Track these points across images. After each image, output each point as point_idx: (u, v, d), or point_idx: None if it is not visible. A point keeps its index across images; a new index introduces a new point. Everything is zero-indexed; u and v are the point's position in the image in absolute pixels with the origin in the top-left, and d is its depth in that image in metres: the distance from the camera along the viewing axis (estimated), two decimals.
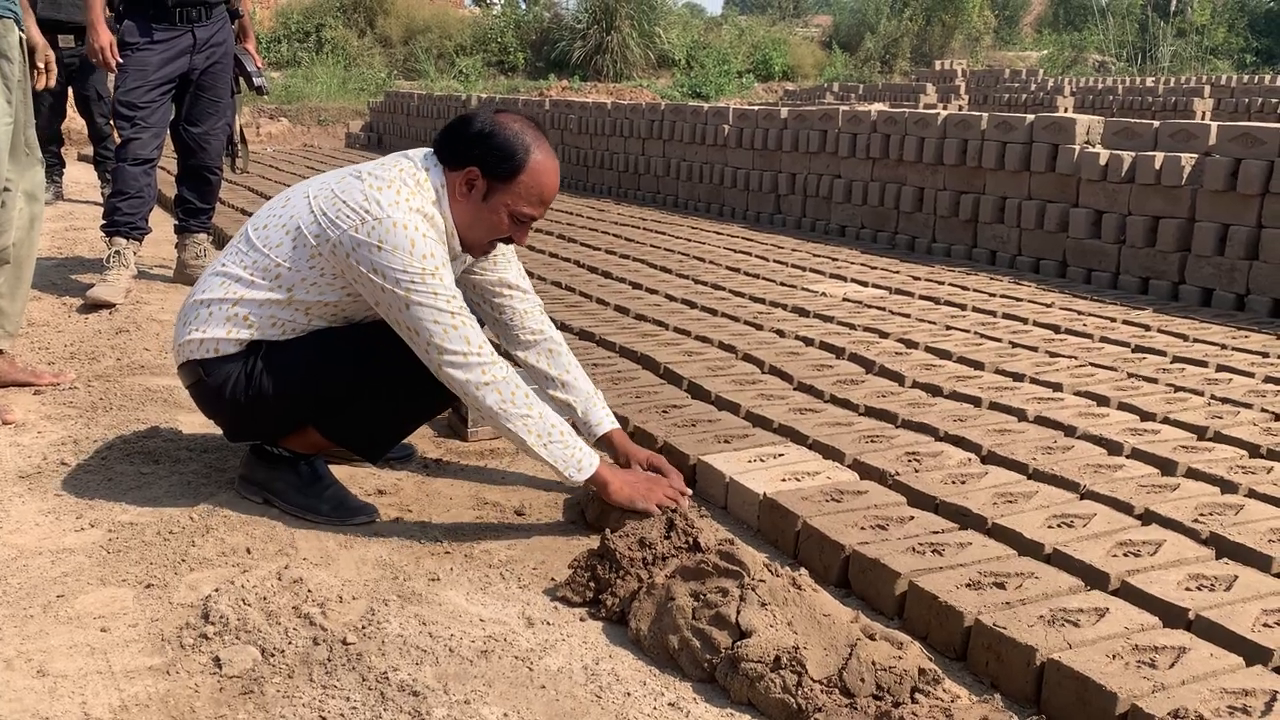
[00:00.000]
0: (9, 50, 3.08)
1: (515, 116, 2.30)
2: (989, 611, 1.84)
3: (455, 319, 2.16)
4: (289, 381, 2.27)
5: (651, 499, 2.24)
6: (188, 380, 2.38)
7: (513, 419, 2.18)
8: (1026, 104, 14.02)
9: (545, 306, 4.29)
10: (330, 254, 2.20)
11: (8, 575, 2.05)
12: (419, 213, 2.19)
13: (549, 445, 2.20)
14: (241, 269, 2.28)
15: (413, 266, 2.14)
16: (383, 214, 2.16)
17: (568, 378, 2.51)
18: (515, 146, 2.23)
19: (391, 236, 2.14)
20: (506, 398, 2.18)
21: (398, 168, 2.26)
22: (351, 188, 2.22)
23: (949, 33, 26.63)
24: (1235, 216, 4.70)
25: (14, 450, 2.73)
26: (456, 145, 2.26)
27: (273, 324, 2.28)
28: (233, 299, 2.27)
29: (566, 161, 9.83)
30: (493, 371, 2.17)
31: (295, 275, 2.24)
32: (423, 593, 2.01)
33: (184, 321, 2.34)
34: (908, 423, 2.93)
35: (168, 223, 5.51)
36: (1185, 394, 3.25)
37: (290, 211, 2.28)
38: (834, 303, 4.59)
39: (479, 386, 2.16)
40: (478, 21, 23.18)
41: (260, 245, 2.28)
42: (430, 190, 2.25)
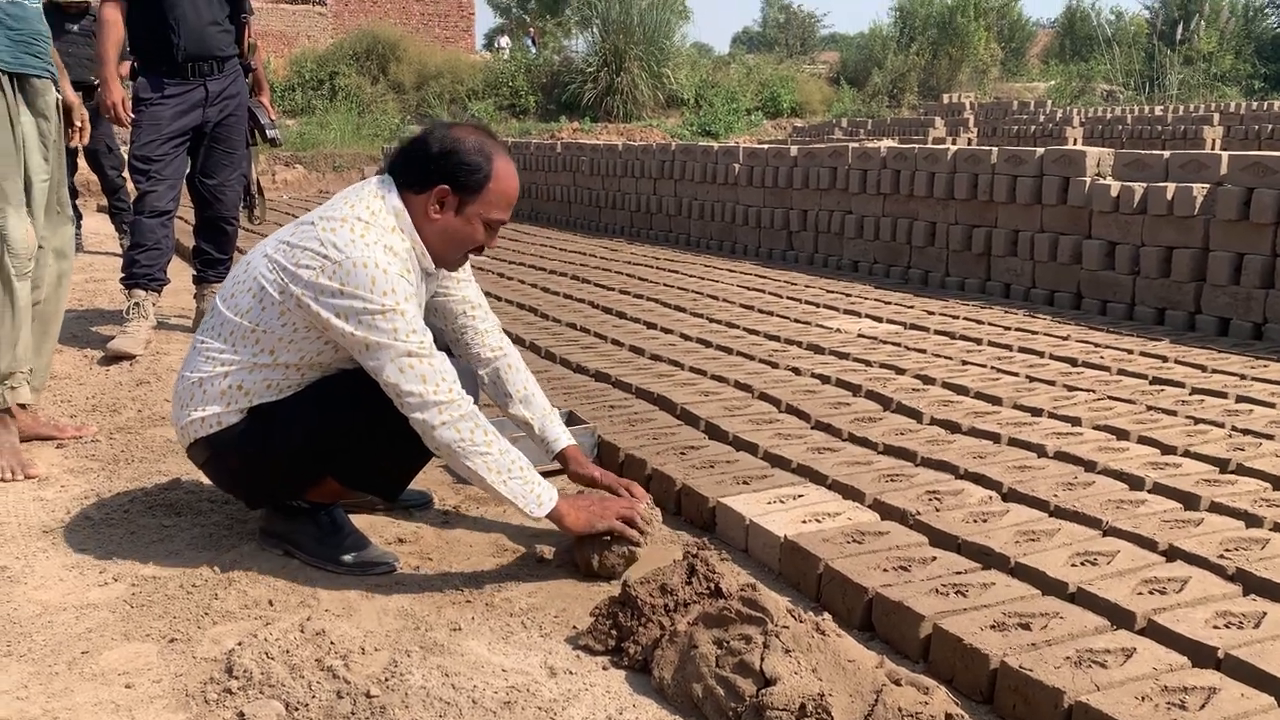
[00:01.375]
0: (47, 109, 3.17)
1: (468, 128, 2.33)
2: (1015, 653, 1.83)
3: (412, 359, 2.16)
4: (295, 438, 2.27)
5: (608, 517, 2.28)
6: (199, 459, 2.39)
7: (470, 456, 2.18)
8: (1035, 135, 14.08)
9: (561, 349, 4.34)
10: (296, 306, 2.21)
11: (33, 632, 2.06)
12: (378, 246, 2.19)
13: (508, 481, 2.20)
14: (221, 341, 2.29)
15: (373, 305, 2.14)
16: (341, 255, 2.16)
17: (525, 393, 2.58)
18: (479, 158, 2.27)
19: (352, 277, 2.15)
20: (465, 435, 2.18)
21: (348, 204, 2.27)
22: (306, 235, 2.23)
23: (956, 66, 26.80)
24: (1250, 245, 4.69)
25: (38, 505, 2.75)
26: (420, 167, 2.28)
27: (267, 386, 2.29)
28: (222, 372, 2.27)
29: (579, 203, 9.91)
30: (450, 411, 2.17)
31: (271, 337, 2.25)
32: (445, 643, 2.01)
33: (181, 403, 2.34)
34: (927, 460, 2.93)
35: (186, 272, 5.56)
36: (1206, 426, 3.23)
37: (252, 274, 2.29)
38: (849, 339, 4.60)
39: (436, 427, 2.17)
40: (489, 66, 23.49)
41: (231, 314, 2.29)
42: (388, 217, 2.25)
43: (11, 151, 3.02)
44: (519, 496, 2.21)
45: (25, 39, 3.06)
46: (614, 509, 2.30)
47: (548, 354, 4.35)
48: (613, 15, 20.65)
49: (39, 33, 3.11)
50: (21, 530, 2.57)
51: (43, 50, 3.14)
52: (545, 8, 29.51)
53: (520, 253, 7.79)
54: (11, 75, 3.03)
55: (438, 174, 2.26)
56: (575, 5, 23.22)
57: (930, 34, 27.43)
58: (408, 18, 29.97)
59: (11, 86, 3.03)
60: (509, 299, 5.70)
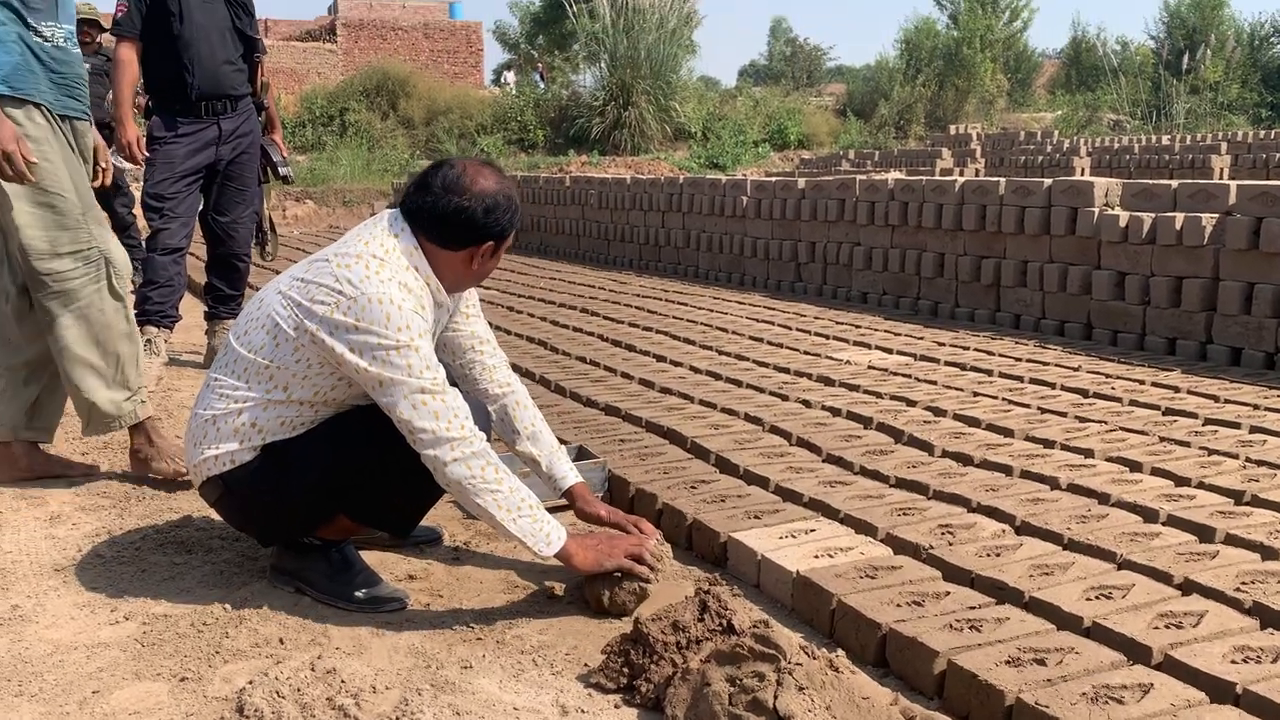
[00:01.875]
0: (85, 151, 3.26)
1: (485, 171, 2.34)
2: (1030, 689, 1.81)
3: (426, 395, 2.17)
4: (307, 476, 2.28)
5: (616, 555, 2.28)
6: (211, 497, 2.39)
7: (481, 493, 2.18)
8: (1043, 165, 14.12)
9: (571, 382, 4.34)
10: (310, 342, 2.22)
11: (44, 672, 2.06)
12: (392, 282, 2.20)
13: (518, 520, 2.20)
14: (235, 378, 2.30)
15: (388, 341, 2.15)
16: (356, 292, 2.18)
17: (533, 430, 2.58)
18: (510, 208, 2.34)
19: (367, 313, 2.16)
20: (476, 472, 2.18)
21: (362, 241, 2.29)
22: (321, 272, 2.25)
23: (962, 97, 26.94)
24: (1260, 275, 4.69)
25: (49, 543, 2.75)
26: (465, 230, 2.29)
27: (281, 423, 2.29)
28: (235, 409, 2.28)
29: (588, 236, 9.96)
30: (461, 448, 2.17)
31: (285, 373, 2.26)
32: (456, 681, 2.00)
33: (194, 441, 2.35)
34: (939, 494, 2.92)
35: (198, 308, 5.60)
36: (1219, 457, 3.21)
37: (266, 310, 2.31)
38: (859, 371, 4.59)
39: (448, 463, 2.17)
40: (497, 101, 23.68)
41: (245, 351, 2.30)
42: (401, 256, 2.27)
43: (88, 182, 3.15)
44: (528, 535, 2.21)
45: (69, 82, 3.16)
46: (622, 547, 2.30)
47: (558, 388, 4.35)
48: (620, 50, 20.83)
49: (80, 76, 3.22)
50: (33, 568, 2.58)
51: (83, 94, 3.23)
52: (553, 43, 29.79)
53: (530, 286, 7.82)
54: (61, 117, 3.13)
55: (484, 235, 2.31)
56: (583, 40, 23.43)
57: (936, 65, 27.60)
58: (417, 54, 30.29)
59: (68, 127, 3.15)
60: (519, 332, 5.71)
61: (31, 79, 3.02)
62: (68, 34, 3.15)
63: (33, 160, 2.93)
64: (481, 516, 2.24)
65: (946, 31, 29.36)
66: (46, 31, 3.05)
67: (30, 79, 3.01)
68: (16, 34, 2.97)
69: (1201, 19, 29.21)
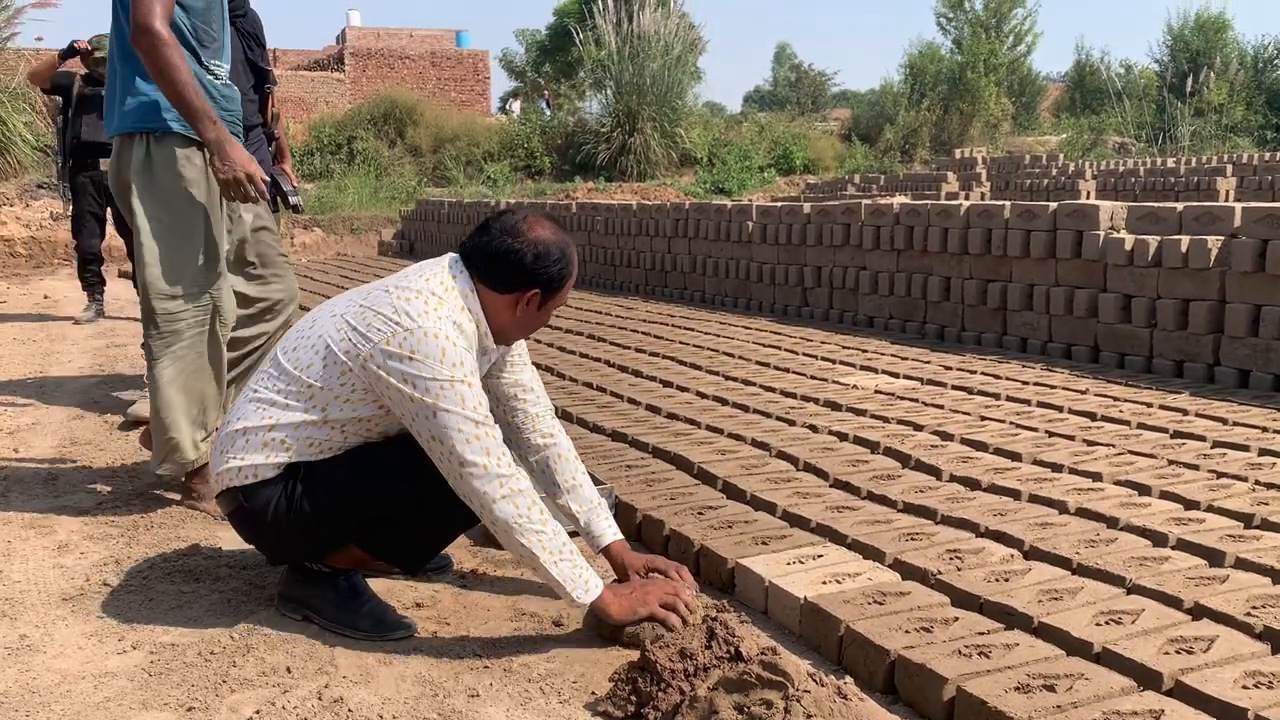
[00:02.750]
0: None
1: (544, 222, 2.37)
2: (1040, 716, 1.80)
3: (479, 429, 2.18)
4: (328, 501, 2.29)
5: (650, 603, 2.25)
6: (227, 508, 2.40)
7: (527, 533, 2.18)
8: (1048, 188, 14.13)
9: (577, 408, 4.34)
10: (361, 369, 2.24)
11: (51, 701, 2.05)
12: (448, 320, 2.23)
13: (559, 563, 2.19)
14: (274, 393, 2.32)
15: (442, 374, 2.17)
16: (413, 324, 2.20)
17: (574, 484, 2.52)
18: (563, 260, 2.34)
19: (423, 345, 2.18)
20: (523, 511, 2.18)
21: (423, 277, 2.31)
22: (380, 301, 2.27)
23: (967, 121, 27.02)
24: (1267, 297, 4.68)
25: (57, 572, 2.76)
26: (511, 273, 2.30)
27: (309, 444, 2.31)
28: (268, 424, 2.30)
29: (595, 261, 9.99)
30: (510, 484, 2.18)
31: (328, 394, 2.28)
32: (463, 710, 1.99)
33: (221, 450, 2.37)
34: (947, 518, 2.91)
35: None
36: (1228, 480, 3.20)
37: (318, 331, 2.33)
38: (866, 395, 4.59)
39: (496, 500, 2.17)
40: (504, 128, 23.82)
41: (290, 368, 2.32)
42: (458, 297, 2.29)
43: (223, 224, 3.26)
44: (569, 580, 2.20)
45: (232, 119, 3.29)
46: (656, 595, 2.27)
47: (564, 413, 4.36)
48: (625, 77, 20.94)
49: (239, 114, 3.37)
50: (41, 598, 2.58)
51: (239, 132, 3.36)
52: (559, 71, 30.01)
53: None
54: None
55: (531, 280, 2.32)
56: (588, 68, 23.59)
57: (941, 90, 27.69)
58: (424, 82, 30.54)
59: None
60: None
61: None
62: (228, 71, 3.29)
63: (266, 179, 3.12)
64: (522, 557, 2.22)
65: (950, 56, 29.48)
66: (215, 69, 3.20)
67: None
68: (193, 71, 3.08)
69: (1205, 42, 29.29)
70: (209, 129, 3.00)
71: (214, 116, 3.00)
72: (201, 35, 3.14)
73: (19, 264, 12.10)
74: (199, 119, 2.98)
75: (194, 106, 2.97)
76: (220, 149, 3.01)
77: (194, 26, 3.12)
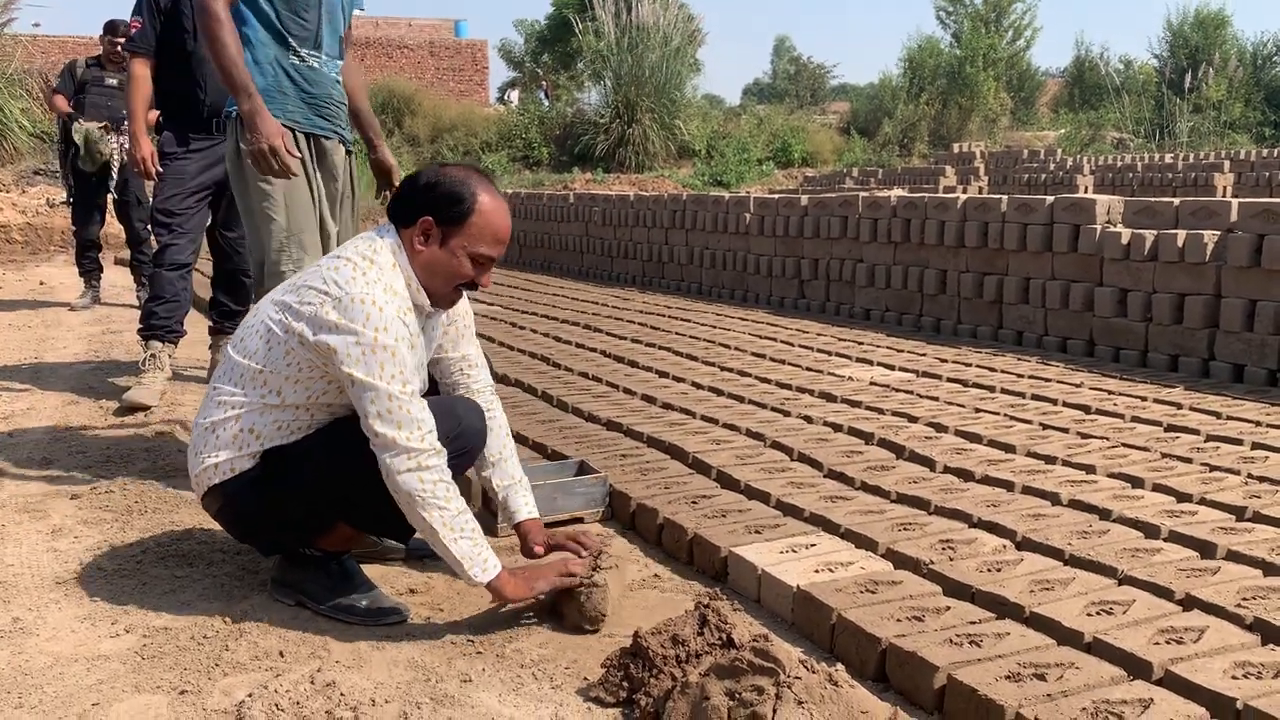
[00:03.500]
0: (335, 169, 3.43)
1: (458, 165, 2.39)
2: (1030, 704, 1.81)
3: (393, 401, 2.17)
4: (306, 481, 2.29)
5: (547, 576, 2.31)
6: (213, 508, 2.40)
7: (428, 507, 2.19)
8: (1046, 183, 14.14)
9: (573, 397, 4.35)
10: (299, 344, 2.24)
11: (44, 684, 2.06)
12: (378, 284, 2.23)
13: (459, 540, 2.20)
14: (232, 385, 2.33)
15: (364, 339, 2.17)
16: (341, 291, 2.20)
17: (499, 459, 2.57)
18: (462, 191, 2.31)
19: (349, 311, 2.18)
20: (427, 486, 2.18)
21: (353, 246, 2.33)
22: (311, 275, 2.30)
23: (966, 115, 26.98)
24: (1262, 292, 4.69)
25: (51, 556, 2.76)
26: (407, 201, 2.34)
27: (278, 429, 2.31)
28: (233, 415, 2.31)
29: (592, 252, 9.98)
30: (419, 459, 2.18)
31: (278, 377, 2.28)
32: (455, 695, 2.00)
33: (195, 450, 2.38)
34: (940, 509, 2.91)
35: (202, 323, 5.61)
36: (1221, 473, 3.21)
37: (260, 318, 2.35)
38: (861, 387, 4.60)
39: (400, 471, 2.17)
40: (503, 119, 23.77)
41: (240, 357, 2.33)
42: (388, 255, 2.30)
43: (310, 205, 3.31)
44: (466, 557, 2.21)
45: (318, 101, 3.35)
46: (550, 571, 2.32)
47: (559, 403, 4.36)
48: (624, 69, 20.91)
49: (330, 96, 3.40)
50: (35, 581, 2.58)
51: (333, 114, 3.41)
52: (558, 61, 29.92)
53: (533, 302, 7.83)
54: (306, 135, 3.31)
55: (422, 206, 2.31)
56: (587, 58, 23.54)
57: (940, 84, 27.65)
58: (423, 72, 30.45)
59: (309, 146, 3.32)
60: (521, 348, 5.72)
61: (280, 99, 3.24)
62: (324, 61, 3.35)
63: (297, 154, 3.15)
64: (423, 530, 2.24)
65: (950, 50, 29.42)
66: (304, 53, 3.28)
67: (279, 100, 3.24)
68: (273, 56, 3.23)
69: (1204, 38, 29.27)
70: (244, 101, 3.08)
71: (252, 91, 3.08)
72: (288, 23, 3.26)
73: (15, 250, 12.08)
74: (237, 93, 3.09)
75: (235, 81, 3.08)
76: (250, 120, 3.08)
77: (279, 14, 3.24)
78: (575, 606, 2.30)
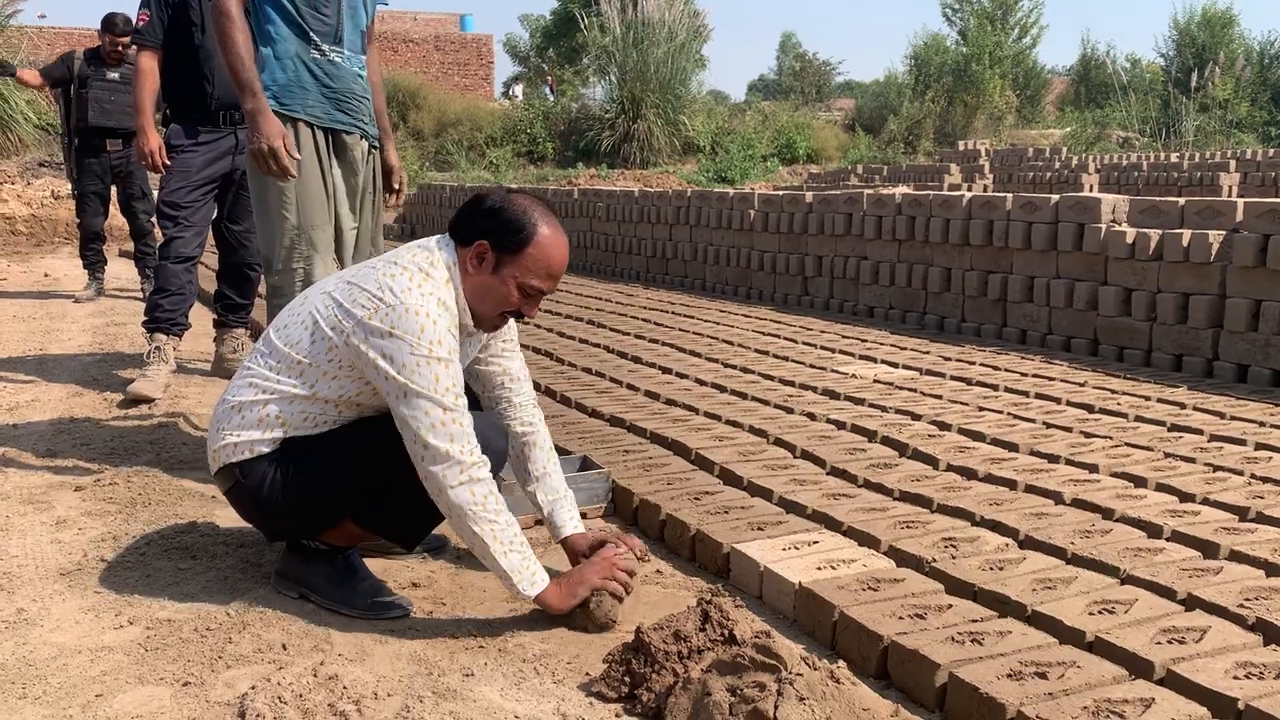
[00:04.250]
0: (355, 163, 3.43)
1: (525, 195, 2.38)
2: (1031, 703, 1.81)
3: (447, 414, 2.18)
4: (323, 475, 2.30)
5: (589, 581, 2.28)
6: (225, 485, 2.41)
7: (480, 521, 2.19)
8: (1051, 182, 14.11)
9: (576, 393, 4.35)
10: (345, 344, 2.25)
11: (47, 674, 2.06)
12: (432, 297, 2.23)
13: (509, 554, 2.21)
14: (267, 369, 2.33)
15: (419, 351, 2.17)
16: (396, 300, 2.20)
17: (543, 473, 2.57)
18: (523, 221, 2.30)
19: (403, 322, 2.18)
20: (479, 500, 2.19)
21: (410, 254, 2.32)
22: (366, 277, 2.29)
23: (971, 113, 26.96)
24: (1267, 292, 4.68)
25: (55, 547, 2.77)
26: (468, 221, 2.34)
27: (304, 419, 2.32)
28: (262, 400, 2.31)
29: (596, 248, 9.97)
30: (470, 472, 2.18)
31: (316, 370, 2.29)
32: (457, 689, 2.00)
33: (217, 427, 2.38)
34: (943, 507, 2.91)
35: (207, 317, 5.63)
36: (1225, 473, 3.21)
37: (308, 308, 2.35)
38: (865, 385, 4.59)
39: (454, 486, 2.17)
40: (507, 114, 23.76)
41: (281, 344, 2.33)
42: (443, 270, 2.30)
43: (323, 201, 3.31)
44: (515, 571, 2.22)
45: (339, 96, 3.35)
46: (593, 573, 2.30)
47: (563, 398, 4.36)
48: (630, 64, 20.90)
49: (352, 90, 3.39)
50: (39, 573, 2.59)
51: (354, 108, 3.40)
52: (563, 56, 29.92)
53: None
54: (325, 130, 3.31)
55: (483, 229, 2.31)
56: (592, 54, 23.52)
57: (945, 81, 27.63)
58: (428, 66, 30.45)
59: (326, 141, 3.32)
60: (525, 343, 5.73)
61: (301, 94, 3.26)
62: (346, 56, 3.36)
63: (297, 156, 3.15)
64: (473, 544, 2.23)
65: (955, 47, 29.41)
66: (325, 48, 3.29)
67: (299, 95, 3.26)
68: (294, 51, 3.25)
69: (1211, 37, 29.22)
70: (248, 100, 3.12)
71: (257, 90, 3.12)
72: (309, 18, 3.27)
73: (20, 242, 12.09)
74: (242, 90, 3.13)
75: (241, 78, 3.12)
76: (252, 119, 3.11)
77: (299, 10, 3.25)
78: (584, 612, 2.29)
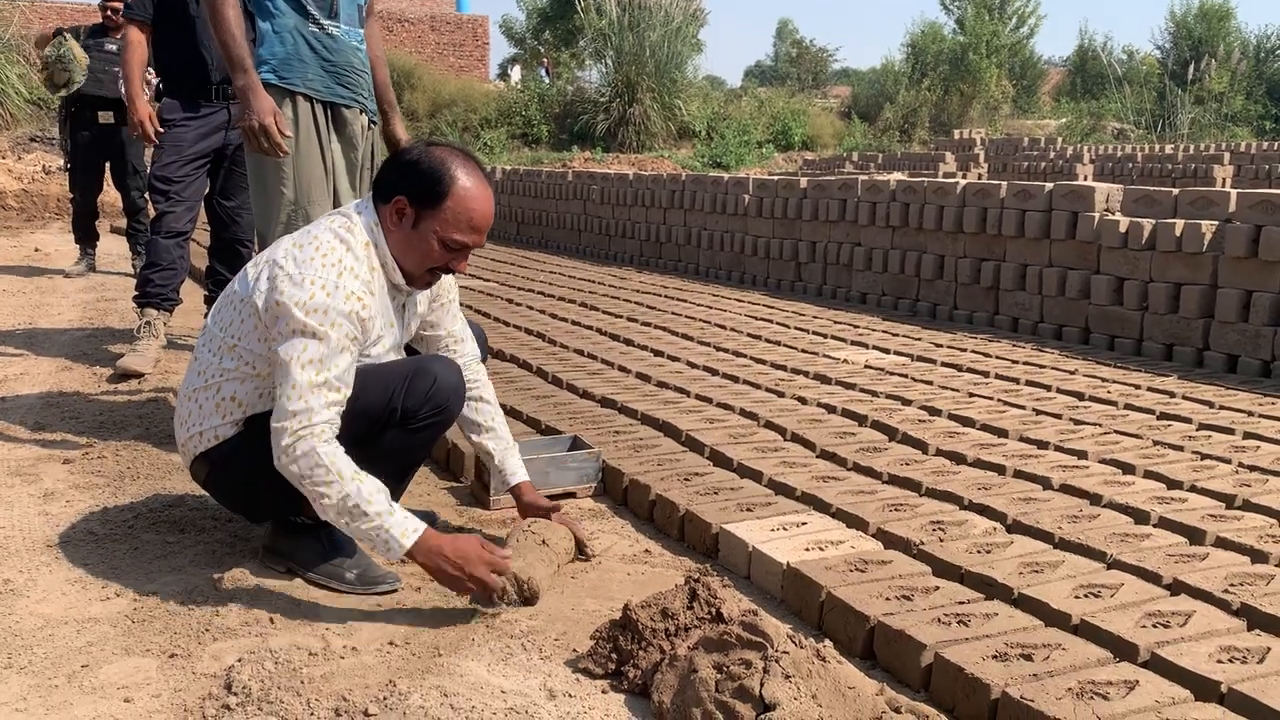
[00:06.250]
0: (355, 138, 3.41)
1: (446, 147, 2.33)
2: (1016, 684, 1.82)
3: (297, 389, 2.11)
4: None
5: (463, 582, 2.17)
6: (200, 476, 2.40)
7: (310, 494, 2.14)
8: (1045, 172, 14.11)
9: (568, 374, 4.35)
10: (260, 317, 2.22)
11: (34, 645, 2.06)
12: (337, 267, 2.18)
13: (350, 524, 2.13)
14: (211, 354, 2.32)
15: (295, 322, 2.12)
16: (295, 270, 2.17)
17: (492, 425, 2.63)
18: (440, 172, 2.26)
19: (294, 293, 2.14)
20: (305, 472, 2.11)
21: (329, 220, 2.31)
22: (279, 250, 2.26)
23: (967, 102, 26.92)
24: (1258, 283, 4.69)
25: (43, 520, 2.76)
26: (387, 176, 2.32)
27: (259, 396, 2.29)
28: (215, 384, 2.30)
29: (590, 231, 9.96)
30: (302, 445, 2.10)
31: (248, 349, 2.26)
32: (444, 664, 2.00)
33: (180, 422, 2.37)
34: (932, 491, 2.92)
35: (198, 293, 5.60)
36: (1212, 461, 3.22)
37: (235, 287, 2.34)
38: (856, 370, 4.60)
39: (284, 452, 2.12)
40: (502, 95, 23.66)
41: (217, 329, 2.32)
42: (362, 233, 2.27)
43: (321, 177, 3.29)
44: (363, 539, 2.16)
45: (338, 69, 3.33)
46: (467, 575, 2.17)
47: (554, 379, 4.36)
48: (626, 47, 20.81)
49: (351, 64, 3.37)
50: (26, 544, 2.58)
51: (353, 82, 3.38)
52: (560, 39, 29.76)
53: (530, 279, 7.82)
54: (324, 104, 3.30)
55: (399, 184, 2.28)
56: (589, 36, 23.42)
57: (942, 70, 27.58)
58: (423, 46, 30.27)
59: (325, 115, 3.30)
60: (517, 324, 5.72)
61: (300, 68, 3.24)
62: (344, 29, 3.34)
63: (288, 134, 3.13)
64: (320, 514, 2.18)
65: (953, 36, 29.34)
66: (323, 21, 3.27)
67: (298, 68, 3.24)
68: (293, 25, 3.23)
69: (1208, 30, 29.22)
70: (239, 77, 3.11)
71: (248, 66, 3.11)
72: None
73: (10, 216, 12.02)
74: (232, 67, 3.13)
75: (232, 54, 3.12)
76: (243, 96, 3.10)
77: None
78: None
